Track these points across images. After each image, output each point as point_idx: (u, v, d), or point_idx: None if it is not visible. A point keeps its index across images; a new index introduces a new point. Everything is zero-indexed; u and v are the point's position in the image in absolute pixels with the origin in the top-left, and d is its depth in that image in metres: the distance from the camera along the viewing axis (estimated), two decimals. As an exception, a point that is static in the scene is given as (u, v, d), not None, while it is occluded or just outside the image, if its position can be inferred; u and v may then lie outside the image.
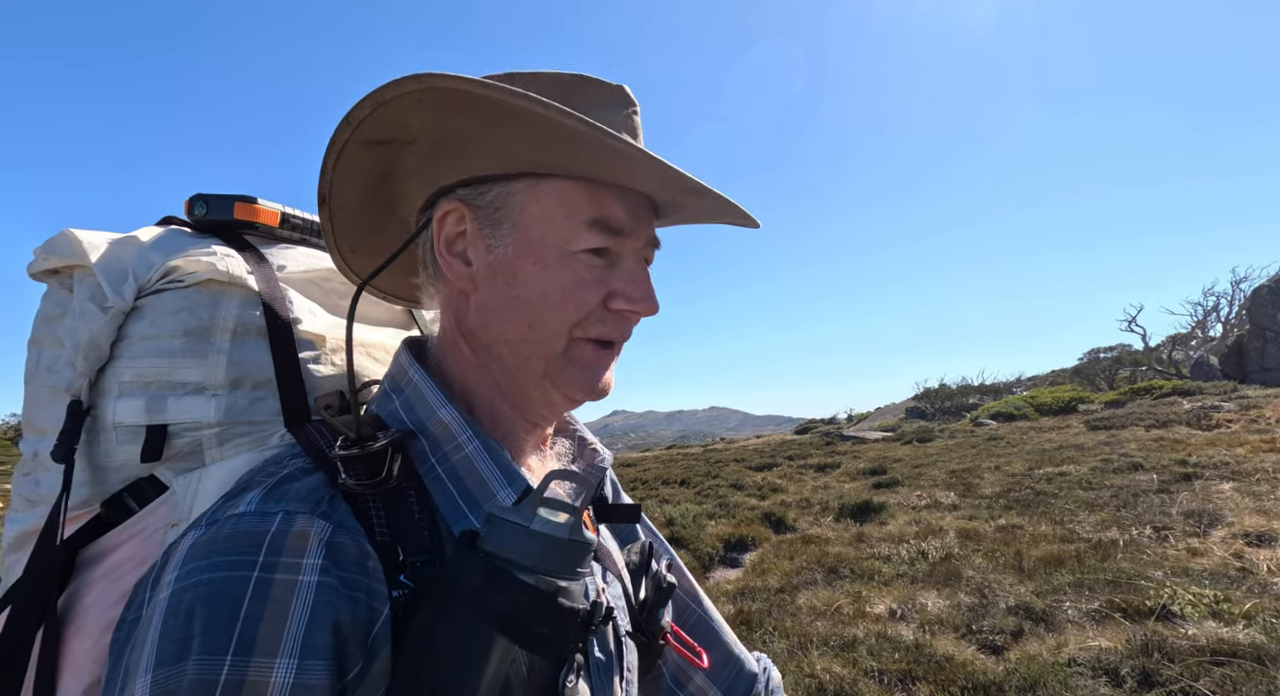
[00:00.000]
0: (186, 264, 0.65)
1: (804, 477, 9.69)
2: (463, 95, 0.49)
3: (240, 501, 0.48)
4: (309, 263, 0.77)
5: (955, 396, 18.27)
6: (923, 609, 3.98)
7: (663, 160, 0.53)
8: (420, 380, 0.61)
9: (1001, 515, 5.93)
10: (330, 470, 0.51)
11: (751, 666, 0.85)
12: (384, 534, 0.50)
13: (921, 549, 5.10)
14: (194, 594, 0.42)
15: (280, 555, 0.44)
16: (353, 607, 0.45)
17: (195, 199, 0.73)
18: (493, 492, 0.56)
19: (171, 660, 0.41)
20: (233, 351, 0.64)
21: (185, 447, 0.61)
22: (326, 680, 0.42)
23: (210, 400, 0.62)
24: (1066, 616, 3.63)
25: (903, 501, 7.00)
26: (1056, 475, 7.19)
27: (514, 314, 0.58)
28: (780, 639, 3.73)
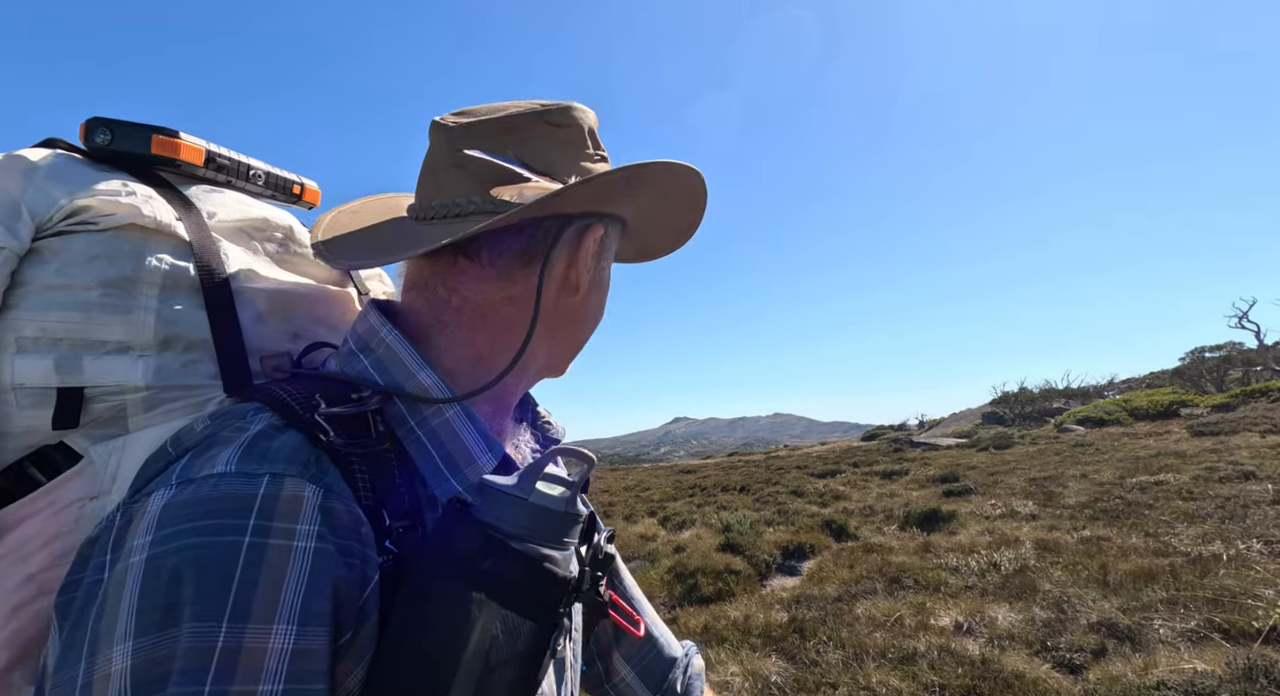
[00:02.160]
0: (101, 204, 0.57)
1: (869, 485, 9.32)
2: (687, 179, 0.65)
3: (215, 460, 0.44)
4: (241, 210, 0.70)
5: (1037, 400, 17.09)
6: (992, 623, 3.73)
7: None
8: (395, 341, 0.58)
9: (1086, 526, 5.49)
10: (304, 427, 0.48)
11: (673, 651, 0.84)
12: (369, 497, 0.48)
13: (993, 560, 4.79)
14: (179, 558, 0.40)
15: (273, 520, 0.42)
16: (349, 574, 0.44)
17: (96, 123, 0.62)
18: (474, 458, 0.56)
19: (157, 627, 0.38)
20: (161, 308, 0.58)
21: (105, 413, 0.56)
22: (325, 645, 0.41)
23: (137, 361, 0.56)
24: (1157, 635, 3.31)
25: (975, 510, 6.60)
26: (1152, 484, 6.60)
27: (591, 317, 0.70)
28: (835, 649, 3.59)
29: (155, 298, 0.58)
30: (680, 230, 0.77)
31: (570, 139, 0.63)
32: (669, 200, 0.70)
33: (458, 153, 0.60)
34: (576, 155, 0.63)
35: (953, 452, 11.68)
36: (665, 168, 0.61)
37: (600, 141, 0.67)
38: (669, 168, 0.61)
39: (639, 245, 0.79)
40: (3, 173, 0.57)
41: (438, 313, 0.62)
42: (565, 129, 0.63)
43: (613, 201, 0.65)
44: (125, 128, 0.63)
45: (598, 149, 0.66)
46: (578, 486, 0.53)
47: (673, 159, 0.61)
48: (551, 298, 0.63)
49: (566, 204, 0.61)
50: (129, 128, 0.63)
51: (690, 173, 0.64)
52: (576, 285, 0.64)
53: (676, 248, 0.81)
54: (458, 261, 0.61)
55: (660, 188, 0.66)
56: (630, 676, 0.80)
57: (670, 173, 0.63)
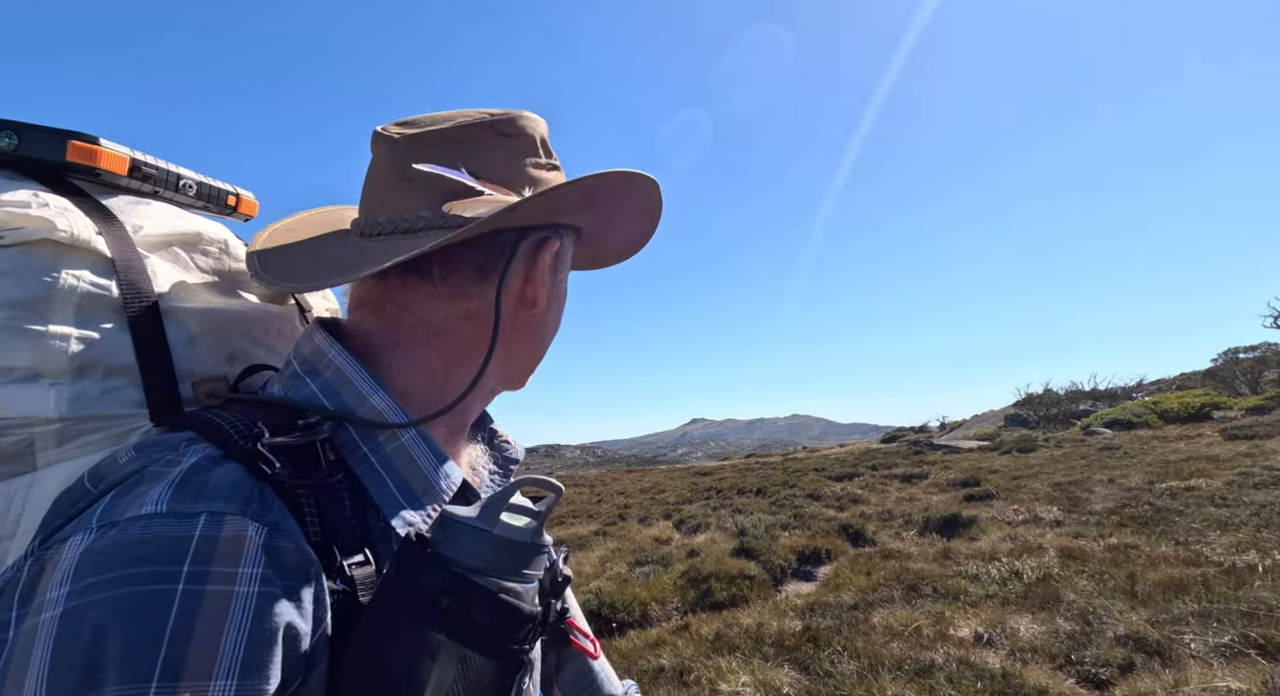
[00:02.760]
0: (6, 217, 0.52)
1: (887, 488, 9.17)
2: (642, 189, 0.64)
3: (143, 499, 0.40)
4: (170, 223, 0.65)
5: (1063, 402, 16.71)
6: (1014, 634, 3.62)
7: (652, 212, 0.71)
8: (344, 362, 0.55)
9: (1113, 533, 5.32)
10: (244, 459, 0.45)
11: (612, 687, 0.78)
12: (318, 533, 0.45)
13: (1015, 568, 4.67)
14: (100, 612, 0.35)
15: (210, 564, 0.38)
16: (298, 617, 0.41)
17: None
18: (431, 484, 0.54)
19: (74, 689, 0.34)
20: (79, 331, 0.53)
21: (9, 448, 0.51)
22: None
23: (48, 390, 0.51)
24: (1188, 650, 3.18)
25: (997, 515, 6.45)
26: (1183, 490, 6.39)
27: (550, 330, 0.67)
28: (849, 659, 3.51)
29: (71, 319, 0.53)
30: (635, 239, 0.76)
31: (522, 148, 0.61)
32: (625, 210, 0.68)
33: (405, 166, 0.57)
34: (529, 165, 0.61)
35: (974, 455, 11.45)
36: (624, 178, 0.60)
37: (552, 150, 0.65)
38: (627, 178, 0.60)
39: (591, 253, 0.77)
40: None
41: (389, 331, 0.58)
42: (516, 139, 0.61)
43: (569, 212, 0.63)
44: (35, 131, 0.57)
45: (549, 157, 0.64)
46: (544, 516, 0.51)
47: (630, 168, 0.59)
48: (509, 312, 0.61)
49: (523, 217, 0.58)
50: (39, 131, 0.57)
51: (648, 183, 0.63)
52: (534, 299, 0.62)
53: (630, 255, 0.79)
54: (408, 279, 0.58)
55: (617, 199, 0.64)
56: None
57: (628, 183, 0.61)
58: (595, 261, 0.80)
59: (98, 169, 0.61)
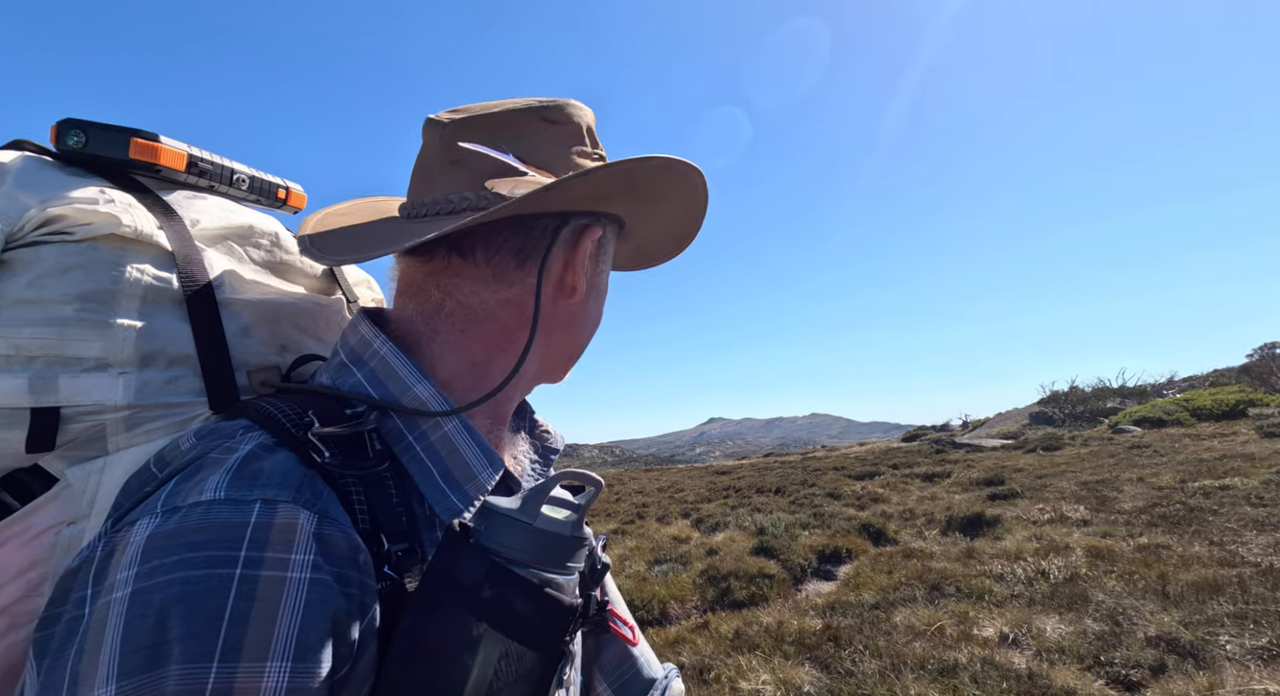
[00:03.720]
0: (76, 213, 0.54)
1: (909, 487, 9.05)
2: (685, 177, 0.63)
3: (203, 486, 0.42)
4: (225, 217, 0.67)
5: (1089, 400, 16.35)
6: (1040, 634, 3.56)
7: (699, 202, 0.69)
8: (389, 353, 0.56)
9: (1143, 533, 5.20)
10: (296, 447, 0.46)
11: (652, 671, 0.79)
12: (365, 521, 0.46)
13: (1042, 567, 4.58)
14: (165, 594, 0.37)
15: (265, 550, 0.40)
16: (347, 604, 0.42)
17: (68, 125, 0.59)
18: (474, 473, 0.54)
19: (141, 669, 0.36)
20: (143, 322, 0.55)
21: (83, 434, 0.53)
22: (321, 681, 0.39)
23: (117, 378, 0.53)
24: (1223, 652, 3.10)
25: (1022, 515, 6.33)
26: (1217, 489, 6.21)
27: (592, 319, 0.67)
28: (871, 658, 3.47)
29: (136, 311, 0.55)
30: (679, 235, 0.74)
31: (567, 136, 0.61)
32: (668, 201, 0.67)
33: (452, 148, 0.58)
34: (573, 153, 0.61)
35: (998, 454, 11.26)
36: (665, 164, 0.59)
37: (598, 140, 0.65)
38: (668, 164, 0.59)
39: (635, 250, 0.77)
40: None
41: (430, 319, 0.60)
42: (562, 126, 0.61)
43: (611, 200, 0.62)
44: (101, 130, 0.60)
45: (595, 147, 0.64)
46: (584, 509, 0.51)
47: (672, 155, 0.58)
48: (548, 300, 0.61)
49: (563, 201, 0.58)
50: (105, 130, 0.60)
51: (690, 170, 0.61)
52: (573, 287, 0.61)
53: (676, 254, 0.78)
54: (451, 261, 0.59)
55: (660, 187, 0.63)
56: (607, 693, 0.76)
57: (670, 170, 0.60)
58: (641, 259, 0.79)
59: (158, 165, 0.63)
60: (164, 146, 0.63)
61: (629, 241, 0.74)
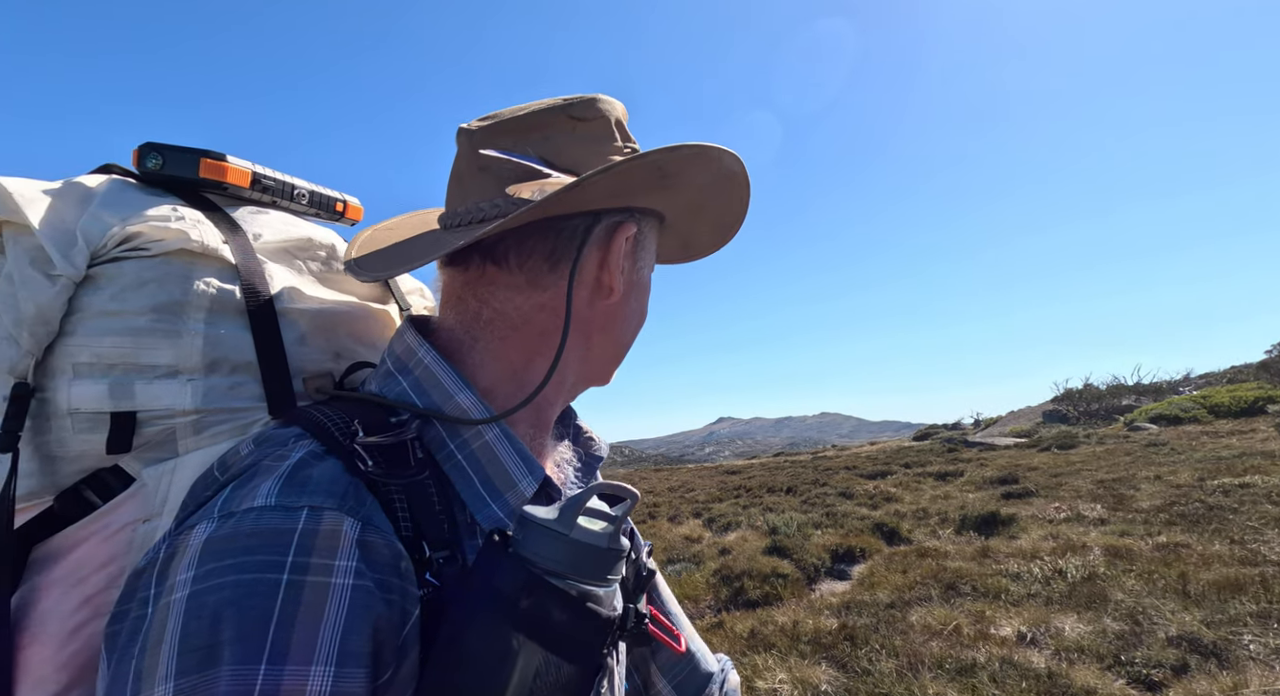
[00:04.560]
0: (151, 230, 0.58)
1: (921, 486, 8.99)
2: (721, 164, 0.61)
3: (255, 493, 0.44)
4: (285, 231, 0.70)
5: (1104, 397, 16.16)
6: (1058, 634, 3.53)
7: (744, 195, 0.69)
8: (433, 362, 0.58)
9: (1162, 531, 5.14)
10: (343, 455, 0.48)
11: (708, 665, 0.81)
12: (408, 528, 0.48)
13: (1059, 566, 4.54)
14: (218, 597, 0.39)
15: (311, 556, 0.41)
16: (388, 610, 0.43)
17: (148, 149, 0.64)
18: (514, 481, 0.55)
19: (196, 668, 0.38)
20: (209, 331, 0.58)
21: (156, 437, 0.56)
22: (363, 686, 0.40)
23: (185, 385, 0.57)
24: (1247, 652, 3.06)
25: (1037, 513, 6.27)
26: (1236, 487, 6.12)
27: (633, 319, 0.67)
28: (888, 658, 3.46)
29: (203, 321, 0.58)
30: (724, 223, 0.73)
31: (596, 132, 0.61)
32: (707, 190, 0.66)
33: (478, 155, 0.58)
34: (604, 149, 0.61)
35: (1011, 453, 11.16)
36: (697, 152, 0.57)
37: (630, 134, 0.64)
38: (701, 152, 0.57)
39: (681, 242, 0.75)
40: (61, 200, 0.58)
41: (470, 327, 0.61)
42: (590, 122, 0.60)
43: (643, 194, 0.62)
44: (175, 152, 0.64)
45: (627, 141, 0.63)
46: (620, 521, 0.51)
47: (705, 141, 0.57)
48: (584, 302, 0.61)
49: (591, 199, 0.58)
50: (178, 152, 0.64)
51: (726, 156, 0.60)
52: (610, 287, 0.61)
53: (723, 243, 0.77)
54: (486, 269, 0.60)
55: (695, 176, 0.62)
56: (667, 690, 0.77)
57: (704, 158, 0.59)
58: (689, 251, 0.78)
59: (225, 183, 0.67)
60: (230, 165, 0.67)
61: (674, 234, 0.73)
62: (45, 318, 0.54)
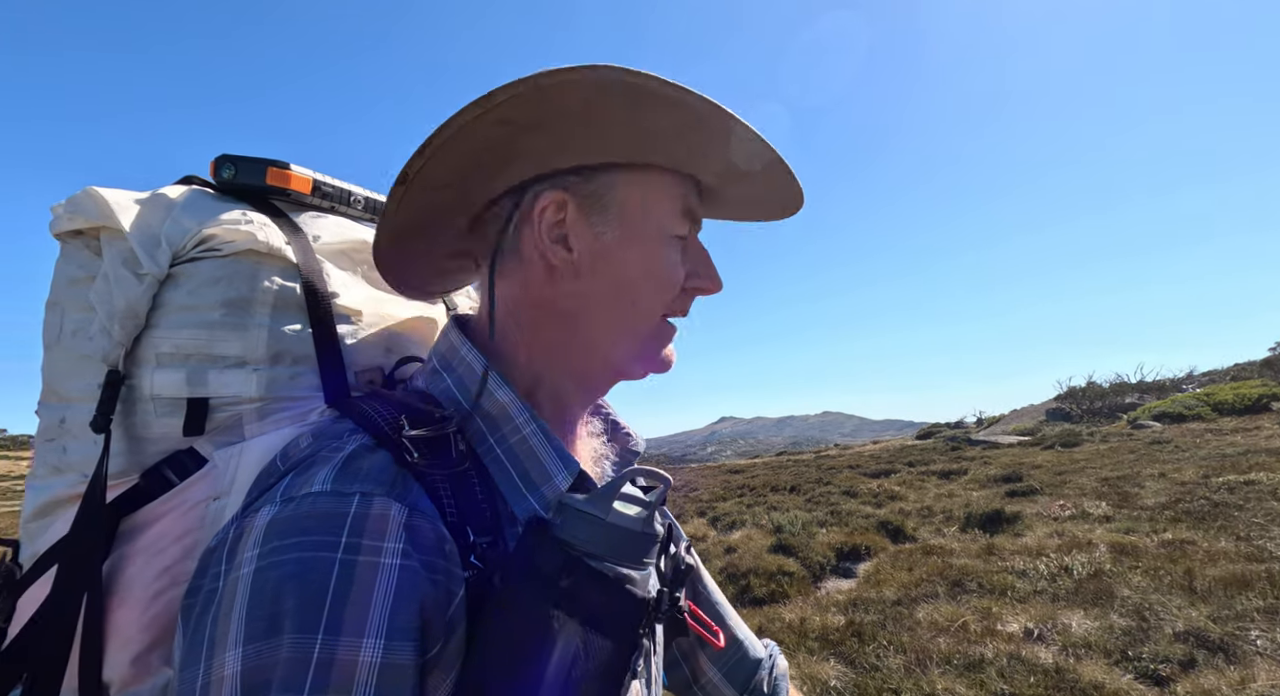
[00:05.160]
0: (224, 232, 0.63)
1: (925, 485, 9.00)
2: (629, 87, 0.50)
3: (313, 478, 0.47)
4: (342, 233, 0.75)
5: (1107, 395, 16.15)
6: (1065, 630, 3.54)
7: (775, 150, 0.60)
8: (474, 360, 0.60)
9: (1167, 528, 5.14)
10: (392, 448, 0.50)
11: (757, 652, 0.83)
12: (453, 515, 0.50)
13: (1065, 563, 4.55)
14: (279, 572, 0.42)
15: (362, 537, 0.44)
16: (433, 589, 0.45)
17: (223, 160, 0.70)
18: (550, 475, 0.57)
19: (262, 635, 0.41)
20: (273, 325, 0.63)
21: (226, 421, 0.61)
22: (411, 659, 0.43)
23: (252, 374, 0.61)
24: (1254, 647, 3.07)
25: (1042, 511, 6.28)
26: (1241, 484, 6.12)
27: (618, 296, 0.60)
28: (896, 654, 3.48)
29: (268, 316, 0.63)
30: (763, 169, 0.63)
31: None
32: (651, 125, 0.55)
33: None
34: None
35: (1015, 451, 11.16)
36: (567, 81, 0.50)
37: None
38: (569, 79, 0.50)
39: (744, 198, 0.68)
40: (148, 208, 0.64)
41: (498, 322, 0.63)
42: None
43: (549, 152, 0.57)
44: (246, 163, 0.70)
45: None
46: (654, 506, 0.53)
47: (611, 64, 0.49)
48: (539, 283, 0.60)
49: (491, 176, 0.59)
50: (249, 163, 0.70)
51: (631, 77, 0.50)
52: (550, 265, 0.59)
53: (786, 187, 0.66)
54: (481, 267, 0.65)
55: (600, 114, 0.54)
56: (717, 678, 0.80)
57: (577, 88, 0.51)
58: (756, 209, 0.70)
59: (289, 190, 0.73)
60: (294, 173, 0.73)
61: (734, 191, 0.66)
62: (134, 311, 0.60)
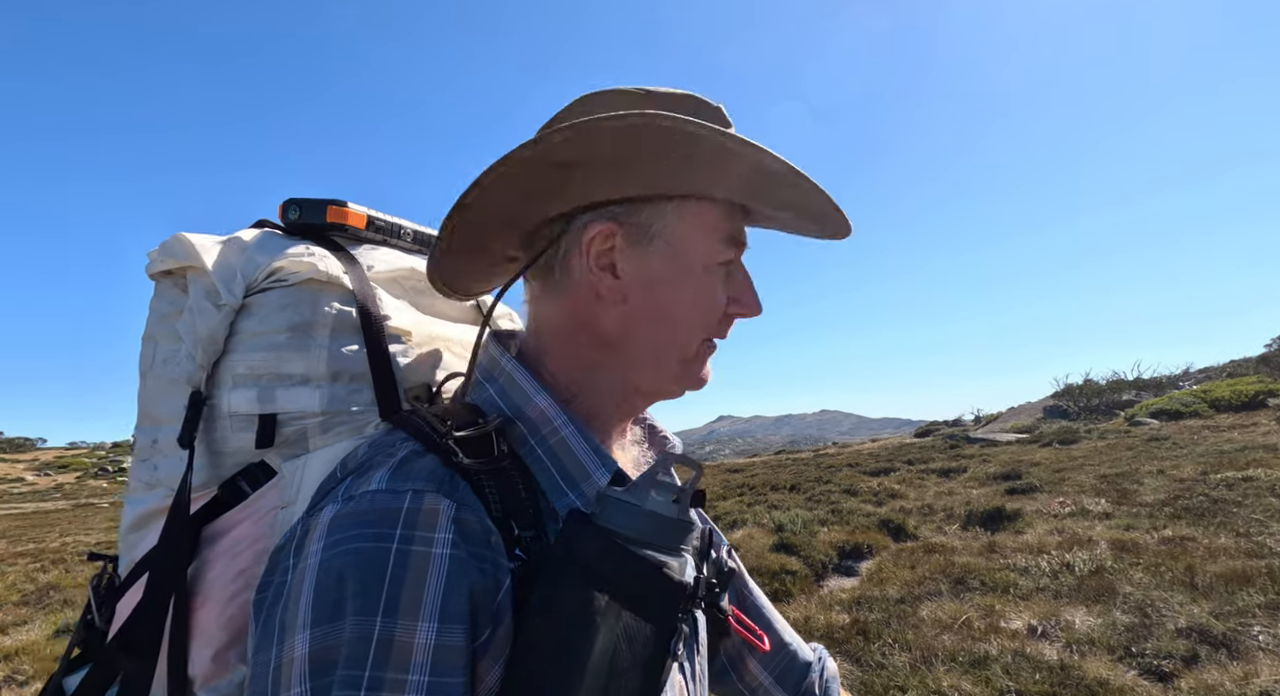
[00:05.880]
0: (289, 264, 0.69)
1: (925, 483, 9.02)
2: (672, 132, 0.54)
3: (370, 479, 0.51)
4: (393, 262, 0.82)
5: (1105, 393, 16.22)
6: (1069, 626, 3.57)
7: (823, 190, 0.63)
8: (513, 370, 0.64)
9: (1167, 525, 5.18)
10: (440, 452, 0.54)
11: (806, 655, 0.85)
12: (498, 510, 0.53)
13: (1066, 560, 4.58)
14: (342, 561, 0.46)
15: (415, 529, 0.47)
16: (481, 578, 0.48)
17: (289, 203, 0.78)
18: (589, 473, 0.60)
19: (328, 618, 0.45)
20: (332, 346, 0.68)
21: (292, 435, 0.66)
22: (463, 642, 0.46)
23: (314, 391, 0.67)
24: (1256, 642, 3.10)
25: (1042, 508, 6.31)
26: (1240, 480, 6.16)
27: (661, 322, 0.63)
28: (901, 652, 3.50)
29: (327, 338, 0.69)
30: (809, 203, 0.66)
31: None
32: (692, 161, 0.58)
33: None
34: None
35: (1013, 448, 11.20)
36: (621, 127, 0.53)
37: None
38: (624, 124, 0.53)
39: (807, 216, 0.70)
40: (228, 249, 0.70)
41: (540, 336, 0.68)
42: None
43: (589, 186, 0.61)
44: (309, 204, 0.78)
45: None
46: (688, 493, 0.55)
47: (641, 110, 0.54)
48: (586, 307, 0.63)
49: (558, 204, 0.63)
50: (311, 204, 0.78)
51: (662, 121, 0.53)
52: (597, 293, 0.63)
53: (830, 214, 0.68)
54: (529, 284, 0.70)
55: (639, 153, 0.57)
56: (769, 681, 0.82)
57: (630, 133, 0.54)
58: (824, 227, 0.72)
59: (346, 225, 0.79)
60: (350, 211, 0.80)
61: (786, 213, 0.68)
62: (214, 338, 0.66)
